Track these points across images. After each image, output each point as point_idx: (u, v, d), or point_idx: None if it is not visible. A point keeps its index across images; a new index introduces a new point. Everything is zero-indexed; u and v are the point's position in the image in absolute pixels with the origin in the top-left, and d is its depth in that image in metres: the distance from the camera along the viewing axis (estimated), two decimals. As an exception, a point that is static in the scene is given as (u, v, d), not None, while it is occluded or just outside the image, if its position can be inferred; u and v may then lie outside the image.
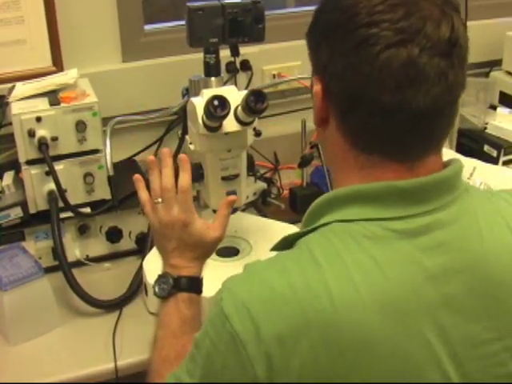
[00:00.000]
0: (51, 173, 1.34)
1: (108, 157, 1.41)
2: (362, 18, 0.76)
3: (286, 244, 0.83)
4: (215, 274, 1.05)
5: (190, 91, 1.46)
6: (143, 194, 1.10)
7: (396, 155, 0.80)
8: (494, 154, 1.75)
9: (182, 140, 1.67)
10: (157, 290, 1.04)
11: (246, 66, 1.76)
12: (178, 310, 1.01)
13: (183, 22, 1.39)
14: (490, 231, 0.82)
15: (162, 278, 1.05)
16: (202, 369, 0.79)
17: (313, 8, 0.86)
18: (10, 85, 1.48)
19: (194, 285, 1.04)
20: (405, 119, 0.77)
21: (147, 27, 1.75)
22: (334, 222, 0.80)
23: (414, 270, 0.76)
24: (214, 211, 1.28)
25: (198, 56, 1.42)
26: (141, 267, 1.36)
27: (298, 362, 0.72)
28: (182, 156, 1.09)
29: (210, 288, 0.86)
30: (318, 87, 0.83)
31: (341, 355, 0.72)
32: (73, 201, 1.40)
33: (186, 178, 1.07)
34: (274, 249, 0.86)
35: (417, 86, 0.75)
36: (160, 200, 1.07)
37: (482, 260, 0.80)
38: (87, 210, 1.44)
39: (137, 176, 1.12)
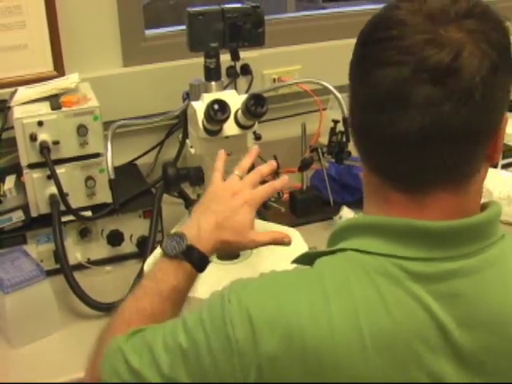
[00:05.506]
0: (53, 176, 1.35)
1: (109, 160, 1.41)
2: (369, 35, 0.76)
3: (307, 260, 0.81)
4: (215, 277, 1.06)
5: (190, 95, 1.46)
6: (220, 164, 1.10)
7: (395, 180, 0.76)
8: (493, 157, 1.75)
9: (182, 144, 1.68)
10: (166, 245, 0.97)
11: (246, 70, 1.77)
12: (175, 276, 0.95)
13: (184, 27, 1.40)
14: None
15: (176, 237, 0.97)
16: (185, 350, 0.76)
17: (312, 12, 0.87)
18: (11, 89, 1.49)
19: (202, 263, 0.98)
20: (389, 142, 0.73)
21: (148, 32, 1.76)
22: (350, 250, 0.77)
23: (423, 317, 0.72)
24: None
25: (199, 60, 1.43)
26: (142, 270, 1.36)
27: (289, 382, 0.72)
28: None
29: (207, 290, 0.86)
30: None
31: None
32: (74, 204, 1.40)
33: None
34: (294, 261, 0.85)
35: (401, 110, 0.70)
36: (237, 173, 1.08)
37: (501, 317, 0.75)
38: (88, 213, 1.44)
39: (222, 151, 1.13)
